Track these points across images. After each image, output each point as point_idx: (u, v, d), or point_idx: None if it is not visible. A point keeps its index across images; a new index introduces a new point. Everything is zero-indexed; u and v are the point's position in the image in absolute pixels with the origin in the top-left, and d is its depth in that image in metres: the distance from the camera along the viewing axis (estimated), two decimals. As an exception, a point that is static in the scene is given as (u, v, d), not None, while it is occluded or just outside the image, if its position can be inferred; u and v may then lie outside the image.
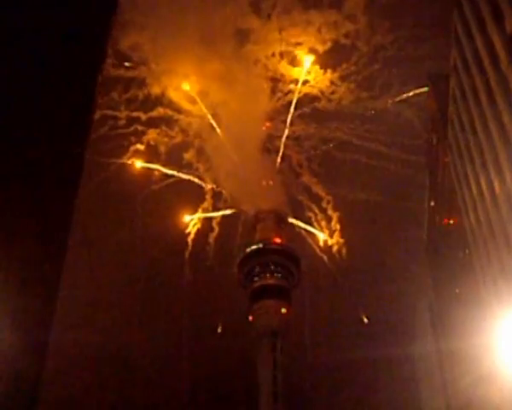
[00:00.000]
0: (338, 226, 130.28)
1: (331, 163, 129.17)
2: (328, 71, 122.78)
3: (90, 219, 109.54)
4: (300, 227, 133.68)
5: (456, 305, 77.70)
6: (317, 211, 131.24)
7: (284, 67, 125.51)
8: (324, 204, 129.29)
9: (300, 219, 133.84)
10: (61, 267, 59.89)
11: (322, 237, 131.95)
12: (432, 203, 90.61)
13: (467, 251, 68.06)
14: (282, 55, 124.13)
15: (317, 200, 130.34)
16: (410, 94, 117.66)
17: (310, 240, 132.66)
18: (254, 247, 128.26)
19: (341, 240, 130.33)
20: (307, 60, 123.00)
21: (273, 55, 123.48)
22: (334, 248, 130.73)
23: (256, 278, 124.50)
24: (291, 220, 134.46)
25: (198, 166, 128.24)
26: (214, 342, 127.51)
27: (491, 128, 51.01)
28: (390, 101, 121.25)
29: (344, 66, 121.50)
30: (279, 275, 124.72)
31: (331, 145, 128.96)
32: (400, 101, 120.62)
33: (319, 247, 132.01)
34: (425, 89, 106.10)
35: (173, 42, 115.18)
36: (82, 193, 64.43)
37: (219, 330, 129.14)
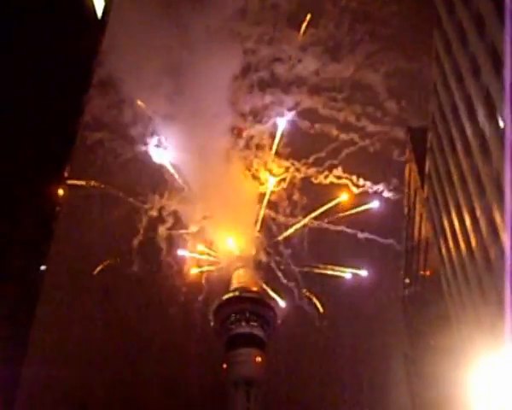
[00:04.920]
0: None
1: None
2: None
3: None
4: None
5: (432, 356, 77.66)
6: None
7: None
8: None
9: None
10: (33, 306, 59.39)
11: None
12: (408, 253, 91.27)
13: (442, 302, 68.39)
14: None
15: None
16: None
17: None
18: (230, 294, 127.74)
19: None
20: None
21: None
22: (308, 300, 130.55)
23: (232, 326, 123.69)
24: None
25: None
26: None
27: (468, 181, 51.74)
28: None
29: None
30: (255, 324, 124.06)
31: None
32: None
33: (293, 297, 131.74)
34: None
35: None
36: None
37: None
